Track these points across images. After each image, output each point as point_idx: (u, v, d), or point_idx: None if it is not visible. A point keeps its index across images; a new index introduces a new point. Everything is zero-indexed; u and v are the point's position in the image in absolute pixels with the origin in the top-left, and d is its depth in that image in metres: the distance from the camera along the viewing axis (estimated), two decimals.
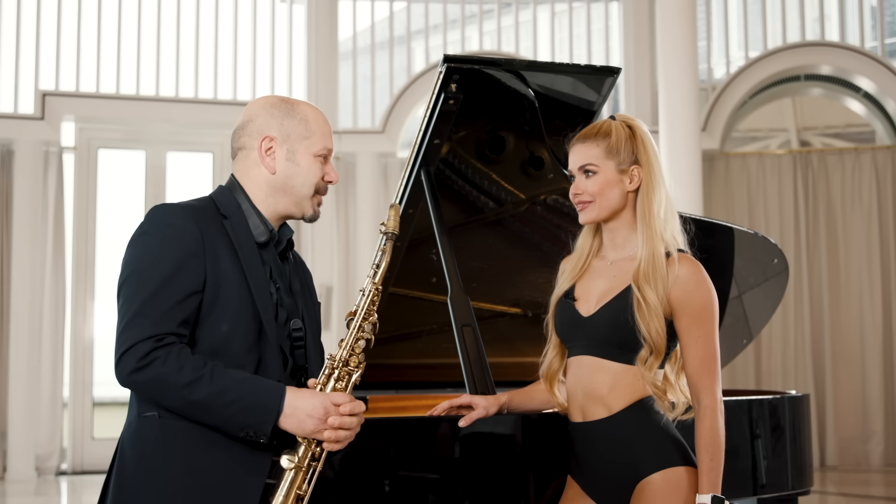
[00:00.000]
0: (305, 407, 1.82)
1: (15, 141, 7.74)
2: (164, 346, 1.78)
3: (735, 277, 3.84)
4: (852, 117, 8.73)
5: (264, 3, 8.55)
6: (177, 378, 1.76)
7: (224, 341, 1.85)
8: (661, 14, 7.47)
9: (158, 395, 1.80)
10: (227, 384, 1.78)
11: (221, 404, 1.78)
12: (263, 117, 1.99)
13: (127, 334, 1.79)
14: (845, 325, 8.20)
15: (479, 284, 3.29)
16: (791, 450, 3.23)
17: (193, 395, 1.76)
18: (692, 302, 2.11)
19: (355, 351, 1.93)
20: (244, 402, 1.78)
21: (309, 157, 1.97)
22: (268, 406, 1.80)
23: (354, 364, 1.93)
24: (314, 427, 1.82)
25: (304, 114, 1.99)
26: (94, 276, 8.04)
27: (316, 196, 2.01)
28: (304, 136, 1.98)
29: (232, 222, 1.93)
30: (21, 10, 8.06)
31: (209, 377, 1.77)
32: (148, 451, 1.83)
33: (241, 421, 1.79)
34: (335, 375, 1.91)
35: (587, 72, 2.98)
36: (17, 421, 7.49)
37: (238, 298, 1.86)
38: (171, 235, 1.84)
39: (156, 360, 1.76)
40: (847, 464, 8.04)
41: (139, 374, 1.77)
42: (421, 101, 8.27)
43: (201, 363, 1.78)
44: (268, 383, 1.83)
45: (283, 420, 1.81)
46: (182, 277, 1.82)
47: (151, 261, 1.83)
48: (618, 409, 2.13)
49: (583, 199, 2.22)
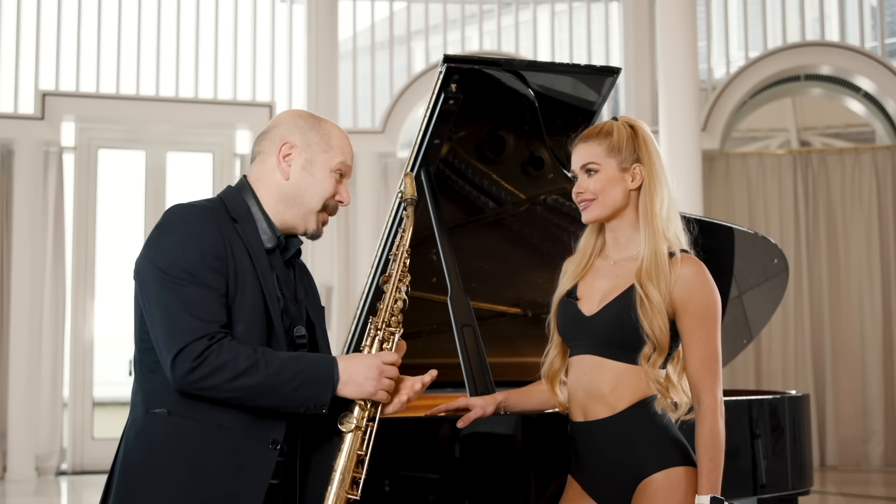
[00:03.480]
0: (361, 370, 1.88)
1: (15, 141, 7.74)
2: (215, 341, 1.80)
3: (735, 277, 3.84)
4: (852, 117, 8.73)
5: (264, 3, 8.55)
6: (234, 367, 1.79)
7: (239, 342, 1.85)
8: (661, 14, 7.47)
9: (217, 389, 1.80)
10: (282, 363, 1.83)
11: (281, 383, 1.82)
12: (289, 125, 2.03)
13: (177, 337, 1.79)
14: (845, 325, 8.20)
15: (479, 284, 3.29)
16: (791, 450, 3.23)
17: (253, 378, 1.80)
18: (695, 302, 2.11)
19: (394, 312, 2.00)
20: (302, 376, 1.83)
21: (325, 171, 2.02)
22: (324, 377, 1.86)
23: (395, 325, 2.00)
24: (374, 387, 1.89)
25: (328, 129, 2.05)
26: (94, 276, 8.01)
27: (322, 213, 2.03)
28: (324, 150, 2.02)
29: (243, 226, 1.94)
30: (21, 10, 8.06)
31: (264, 361, 1.81)
32: (155, 448, 1.84)
33: (301, 396, 1.84)
34: (380, 337, 1.98)
35: (587, 72, 2.99)
36: (17, 421, 7.49)
37: (253, 300, 1.89)
38: (197, 236, 1.86)
39: (210, 356, 1.79)
40: (847, 464, 8.04)
41: (196, 371, 1.78)
42: (421, 101, 8.26)
43: (251, 350, 1.82)
44: (318, 356, 1.91)
45: (342, 387, 1.87)
46: (214, 277, 1.84)
47: (182, 261, 1.83)
48: (620, 409, 2.13)
49: (585, 198, 2.22)
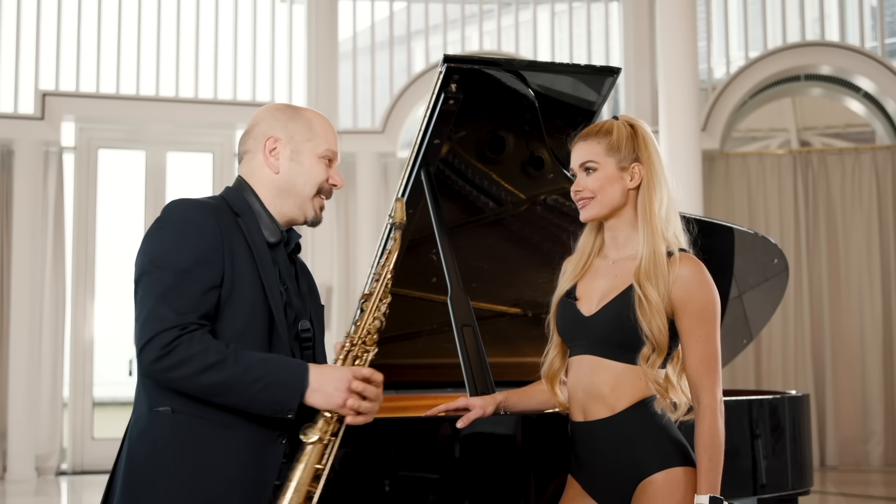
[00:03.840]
0: (332, 380, 1.84)
1: (15, 141, 7.74)
2: (187, 332, 1.78)
3: (735, 277, 3.84)
4: (852, 117, 8.73)
5: (264, 3, 8.55)
6: (202, 360, 1.77)
7: (238, 337, 1.86)
8: (661, 14, 7.47)
9: (183, 381, 1.78)
10: (252, 363, 1.80)
11: (247, 382, 1.79)
12: (269, 120, 2.03)
13: (150, 325, 1.79)
14: (845, 325, 8.20)
15: (479, 284, 3.29)
16: (791, 450, 3.23)
17: (219, 375, 1.77)
18: (694, 302, 2.11)
19: (371, 331, 1.98)
20: (269, 378, 1.80)
21: (313, 158, 2.01)
22: (293, 381, 1.82)
23: (370, 343, 1.97)
24: (342, 399, 1.84)
25: (308, 118, 2.04)
26: (94, 276, 8.02)
27: (318, 198, 2.03)
28: (307, 138, 2.01)
29: (245, 220, 1.95)
30: (21, 10, 8.06)
31: (233, 358, 1.79)
32: (159, 446, 1.83)
33: (266, 398, 1.80)
34: (354, 353, 1.95)
35: (587, 72, 2.98)
36: (17, 421, 7.49)
37: (252, 295, 1.88)
38: (191, 230, 1.85)
39: (179, 346, 1.77)
40: (847, 464, 8.04)
41: (163, 361, 1.77)
42: (421, 101, 8.26)
43: (224, 345, 1.80)
44: (291, 360, 1.86)
45: (310, 395, 1.83)
46: (202, 271, 1.83)
47: (172, 254, 1.83)
48: (619, 409, 2.13)
49: (584, 196, 2.22)
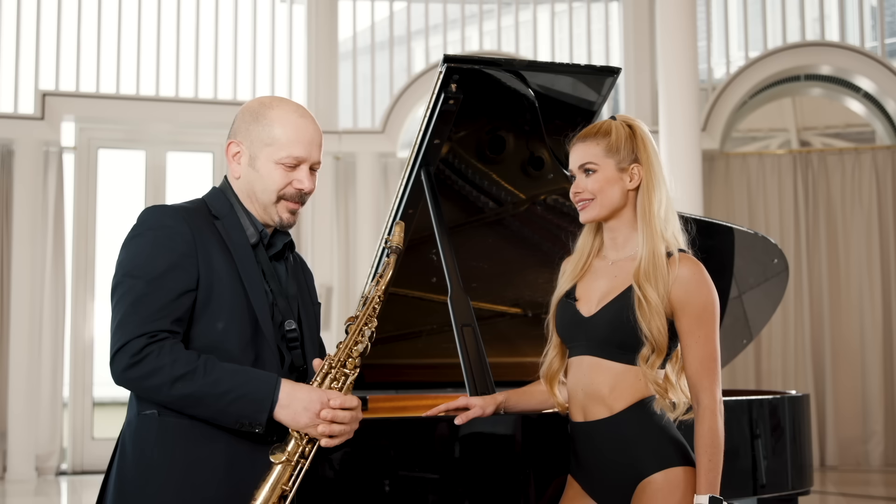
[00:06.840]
0: (302, 399, 1.81)
1: (15, 141, 7.74)
2: (156, 341, 1.78)
3: (735, 277, 3.84)
4: (852, 117, 8.72)
5: (264, 3, 8.55)
6: (171, 371, 1.76)
7: (220, 339, 1.85)
8: (661, 14, 7.47)
9: (153, 391, 1.79)
10: (221, 375, 1.78)
11: (216, 395, 1.77)
12: (237, 122, 1.99)
13: (120, 333, 1.79)
14: (845, 325, 8.20)
15: (479, 284, 3.29)
16: (791, 450, 3.23)
17: (188, 387, 1.76)
18: (693, 302, 2.11)
19: (352, 355, 1.93)
20: (239, 391, 1.78)
21: (269, 165, 1.93)
22: (262, 396, 1.80)
23: (351, 367, 1.92)
24: (308, 421, 1.82)
25: (272, 120, 1.94)
26: (94, 276, 8.04)
27: (282, 203, 1.96)
28: (266, 143, 1.94)
29: (224, 223, 1.93)
30: (21, 10, 8.06)
31: (203, 369, 1.77)
32: (148, 449, 1.84)
33: (235, 411, 1.79)
34: (331, 375, 1.90)
35: (587, 72, 2.98)
36: (17, 421, 7.49)
37: (232, 297, 1.87)
38: (163, 236, 1.85)
39: (149, 356, 1.76)
40: (847, 464, 8.04)
41: (133, 370, 1.77)
42: (421, 101, 8.26)
43: (195, 356, 1.79)
44: (262, 374, 1.83)
45: (279, 411, 1.81)
46: (174, 276, 1.82)
47: (143, 261, 1.83)
48: (619, 410, 2.13)
49: (583, 198, 2.22)
